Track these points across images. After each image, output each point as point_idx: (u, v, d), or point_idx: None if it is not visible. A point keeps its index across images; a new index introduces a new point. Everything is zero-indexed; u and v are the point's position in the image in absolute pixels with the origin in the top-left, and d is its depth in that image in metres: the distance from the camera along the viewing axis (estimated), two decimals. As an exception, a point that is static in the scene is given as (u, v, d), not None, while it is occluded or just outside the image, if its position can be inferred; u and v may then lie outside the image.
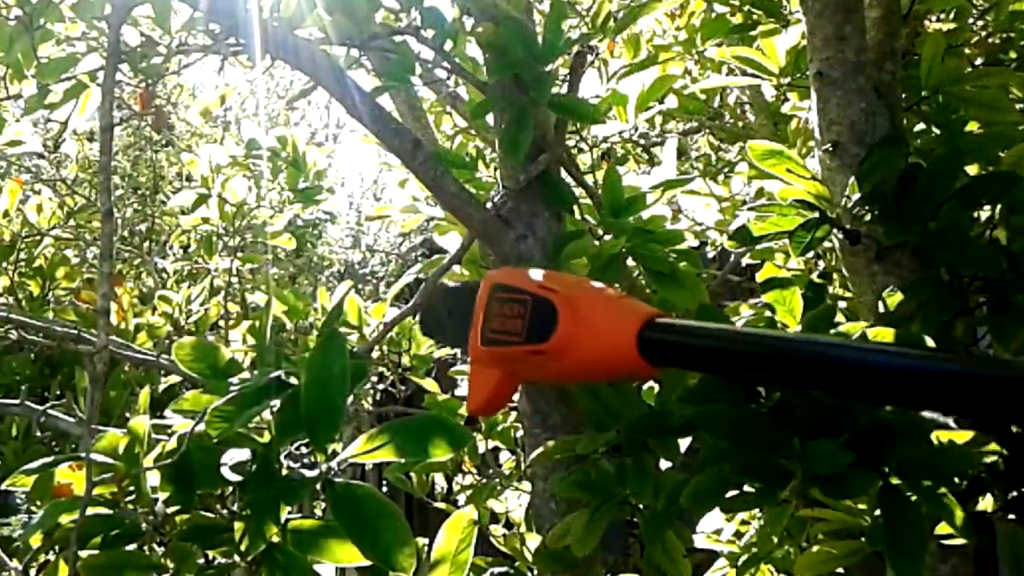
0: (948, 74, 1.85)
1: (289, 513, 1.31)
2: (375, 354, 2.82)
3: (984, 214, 1.66)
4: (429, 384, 2.74)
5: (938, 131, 1.92)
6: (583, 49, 1.90)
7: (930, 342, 1.42)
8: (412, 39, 1.82)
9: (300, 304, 3.06)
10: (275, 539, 1.28)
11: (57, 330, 2.71)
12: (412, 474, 2.58)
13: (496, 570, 2.09)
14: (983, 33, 2.26)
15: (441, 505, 2.67)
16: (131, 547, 1.36)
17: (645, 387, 1.79)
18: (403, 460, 1.31)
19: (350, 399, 3.27)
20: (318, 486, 1.29)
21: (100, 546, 1.36)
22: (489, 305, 1.27)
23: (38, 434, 2.82)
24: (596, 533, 1.53)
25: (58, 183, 5.01)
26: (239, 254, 3.74)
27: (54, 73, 1.97)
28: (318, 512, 1.58)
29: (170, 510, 1.37)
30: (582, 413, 1.65)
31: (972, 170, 1.79)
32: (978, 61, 2.20)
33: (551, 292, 1.16)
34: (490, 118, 1.90)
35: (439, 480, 2.78)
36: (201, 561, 1.38)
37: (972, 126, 1.90)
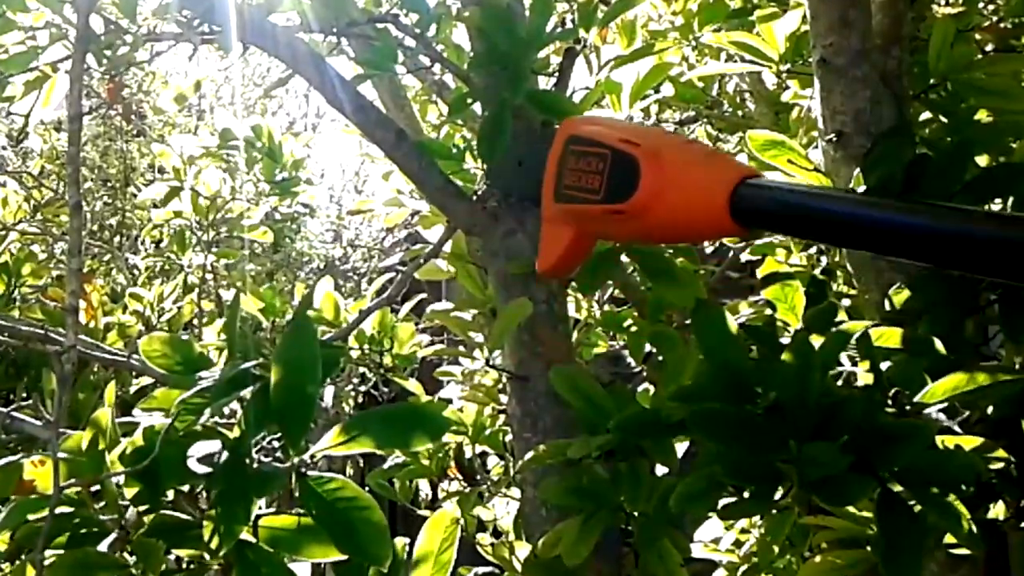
0: (957, 61, 1.84)
1: (263, 511, 1.30)
2: (355, 355, 2.82)
3: (995, 207, 1.65)
4: (413, 386, 2.73)
5: (947, 121, 1.92)
6: (572, 45, 1.89)
7: (940, 345, 1.42)
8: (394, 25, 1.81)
9: (277, 302, 3.05)
10: (247, 536, 1.28)
11: (23, 329, 2.69)
12: (395, 480, 2.57)
13: (480, 570, 2.08)
14: (994, 18, 2.26)
15: (426, 513, 2.67)
16: (101, 547, 1.36)
17: (640, 388, 1.79)
18: (381, 450, 1.30)
19: (330, 401, 3.27)
20: (293, 480, 1.28)
21: (66, 546, 1.35)
22: (563, 158, 1.22)
23: (3, 437, 2.81)
24: (588, 542, 1.53)
25: (24, 175, 4.99)
26: (214, 249, 3.73)
27: (17, 65, 1.96)
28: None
29: (139, 509, 1.37)
30: (574, 416, 1.64)
31: (982, 161, 1.78)
32: (989, 47, 2.20)
33: (633, 146, 1.11)
34: (477, 106, 1.89)
35: (424, 486, 2.78)
36: (174, 567, 1.37)
37: (982, 115, 1.90)
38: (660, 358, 1.65)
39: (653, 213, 1.09)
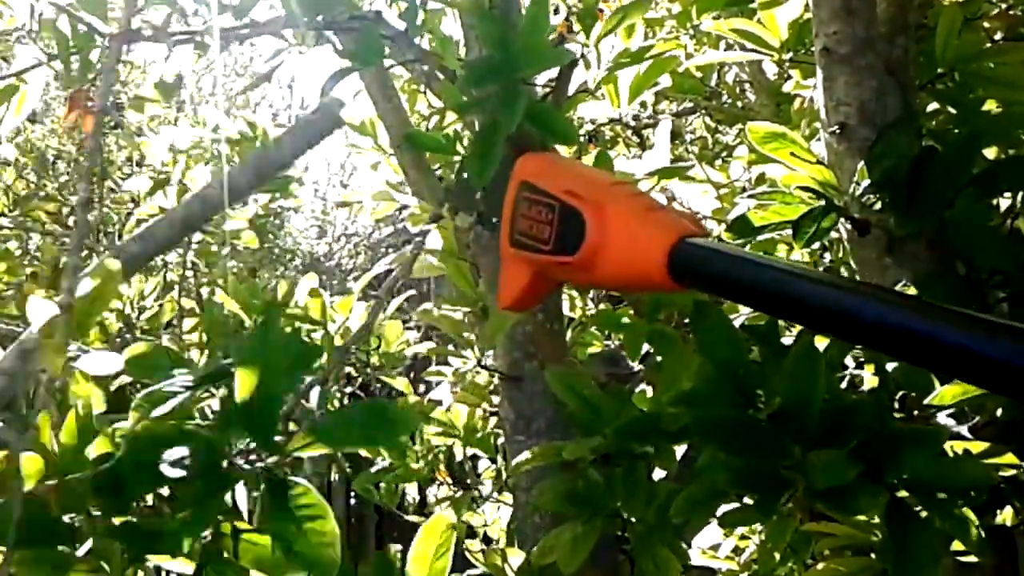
0: (965, 50, 1.84)
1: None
2: (342, 353, 2.81)
3: (1004, 202, 1.65)
4: (401, 384, 2.73)
5: (954, 111, 1.92)
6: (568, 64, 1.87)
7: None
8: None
9: (260, 300, 3.04)
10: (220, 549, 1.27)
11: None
12: (383, 484, 2.56)
13: (472, 572, 2.08)
14: (1003, 5, 2.26)
15: (414, 518, 2.66)
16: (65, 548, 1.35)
17: (638, 389, 1.78)
18: (341, 450, 1.30)
19: (316, 402, 3.26)
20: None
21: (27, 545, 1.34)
22: (517, 203, 1.26)
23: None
24: (584, 549, 1.53)
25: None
26: (195, 246, 3.71)
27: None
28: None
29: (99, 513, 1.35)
30: (569, 417, 1.64)
31: (991, 154, 1.78)
32: (997, 36, 2.19)
33: (578, 199, 1.14)
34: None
35: (411, 491, 2.78)
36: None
37: (991, 106, 1.90)
38: (658, 359, 1.65)
39: (598, 266, 1.12)
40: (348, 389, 3.27)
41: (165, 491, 1.42)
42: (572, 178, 1.21)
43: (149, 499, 1.41)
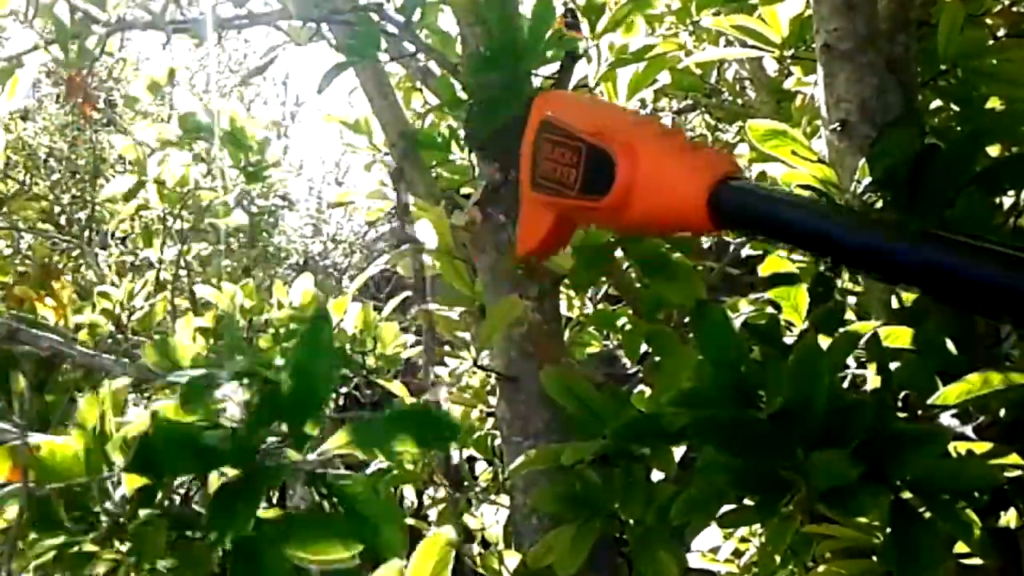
0: (967, 46, 1.84)
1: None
2: (337, 354, 2.81)
3: (1007, 200, 1.65)
4: (397, 388, 2.73)
5: (956, 109, 1.92)
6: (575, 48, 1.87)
7: (951, 345, 1.41)
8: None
9: (254, 299, 3.03)
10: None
11: (-13, 328, 2.68)
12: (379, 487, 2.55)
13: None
14: (1005, 1, 2.26)
15: (411, 521, 2.65)
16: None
17: (636, 390, 1.78)
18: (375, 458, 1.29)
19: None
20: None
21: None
22: (538, 144, 1.22)
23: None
24: (581, 551, 1.52)
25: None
26: (186, 242, 3.71)
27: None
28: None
29: (130, 495, 1.34)
30: (567, 418, 1.63)
31: (993, 151, 1.78)
32: (1000, 32, 2.19)
33: (607, 140, 1.11)
34: (463, 93, 1.88)
35: (408, 494, 2.77)
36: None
37: (993, 103, 1.90)
38: (656, 359, 1.64)
39: (630, 208, 1.09)
40: (343, 390, 3.26)
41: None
42: (598, 117, 1.17)
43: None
